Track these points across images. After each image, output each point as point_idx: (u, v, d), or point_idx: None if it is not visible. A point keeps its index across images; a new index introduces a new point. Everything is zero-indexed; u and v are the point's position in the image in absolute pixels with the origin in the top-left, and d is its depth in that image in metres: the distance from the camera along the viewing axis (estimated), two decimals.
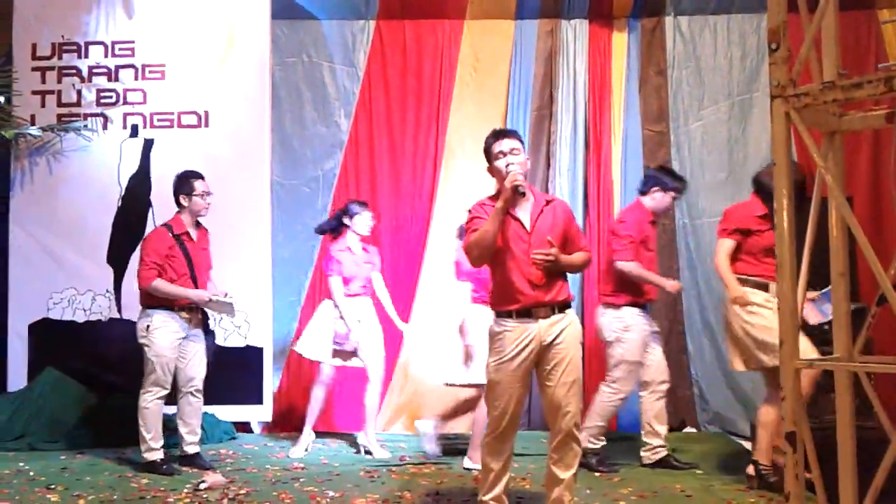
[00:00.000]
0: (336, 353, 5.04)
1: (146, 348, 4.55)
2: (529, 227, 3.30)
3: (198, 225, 4.73)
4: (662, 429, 4.63)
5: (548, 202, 3.38)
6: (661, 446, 4.61)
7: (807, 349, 4.02)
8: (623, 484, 4.19)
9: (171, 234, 4.60)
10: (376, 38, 6.02)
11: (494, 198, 3.32)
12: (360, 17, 5.99)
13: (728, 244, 4.16)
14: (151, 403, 4.55)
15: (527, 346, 3.26)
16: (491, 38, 6.00)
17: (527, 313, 3.27)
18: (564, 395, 3.26)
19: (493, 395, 3.34)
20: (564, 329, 3.28)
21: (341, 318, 4.98)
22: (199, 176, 4.69)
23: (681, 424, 5.74)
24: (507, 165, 3.28)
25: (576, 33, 5.91)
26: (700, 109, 5.91)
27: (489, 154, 3.39)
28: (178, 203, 4.67)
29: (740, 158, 5.84)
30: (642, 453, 4.62)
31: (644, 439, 4.65)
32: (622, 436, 5.24)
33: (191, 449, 4.67)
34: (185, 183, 4.65)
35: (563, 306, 3.31)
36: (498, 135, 3.42)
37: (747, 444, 5.15)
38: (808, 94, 2.12)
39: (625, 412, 5.62)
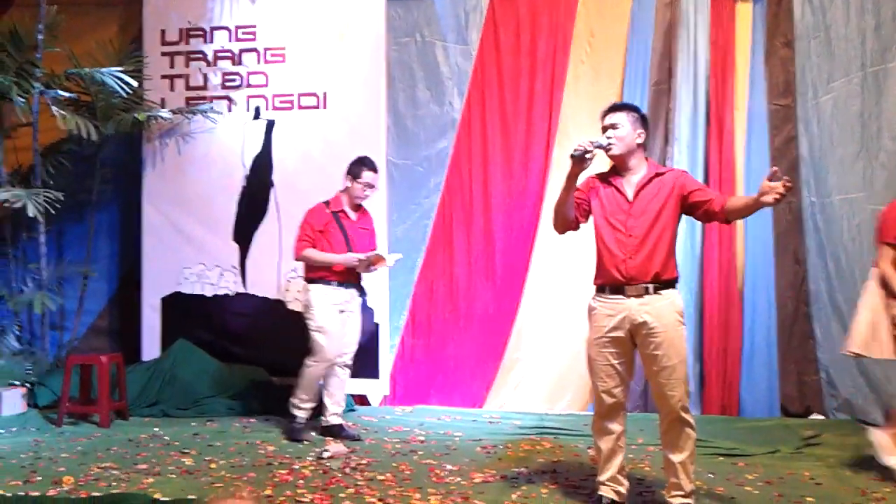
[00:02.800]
0: None
1: (308, 321, 4.74)
2: (631, 197, 3.29)
3: (358, 207, 4.86)
4: None
5: (658, 174, 3.33)
6: None
7: None
8: (748, 469, 4.07)
9: (327, 210, 4.77)
10: (489, 16, 5.98)
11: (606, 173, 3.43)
12: None
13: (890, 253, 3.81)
14: (312, 368, 4.73)
15: (618, 324, 3.24)
16: (607, 13, 5.87)
17: (619, 290, 3.25)
18: (667, 379, 3.21)
19: (592, 374, 3.36)
20: (659, 310, 3.20)
21: None
22: (373, 168, 4.82)
23: (807, 411, 5.52)
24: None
25: (696, 5, 5.69)
26: (830, 82, 5.59)
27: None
28: (344, 181, 4.84)
29: (874, 133, 5.51)
30: None
31: None
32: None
33: (334, 420, 4.81)
34: (356, 166, 4.80)
35: (661, 285, 3.23)
36: (604, 112, 3.43)
37: None
38: None
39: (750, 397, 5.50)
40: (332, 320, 4.72)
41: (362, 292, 4.91)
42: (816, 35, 5.64)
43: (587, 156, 3.23)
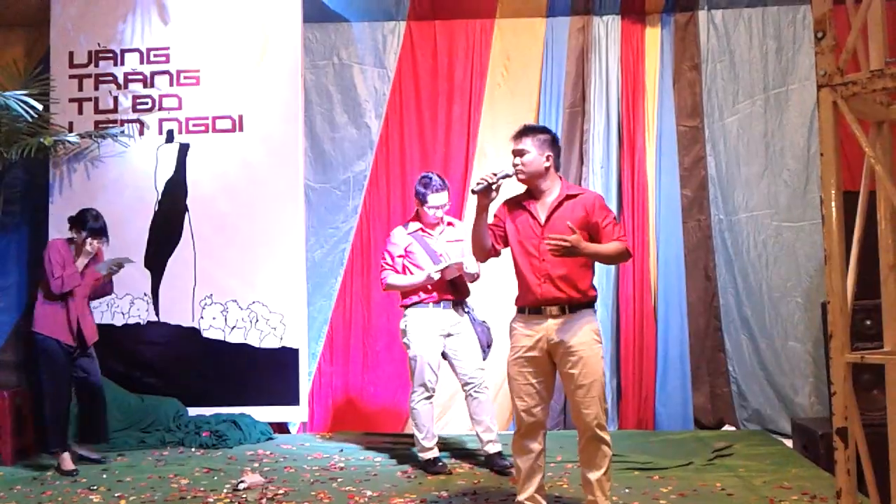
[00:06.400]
0: None
1: (407, 349, 4.54)
2: (543, 221, 3.30)
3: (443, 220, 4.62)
4: None
5: (571, 196, 3.33)
6: None
7: None
8: (663, 483, 4.14)
9: (406, 232, 4.59)
10: (407, 39, 6.02)
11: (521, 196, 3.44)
12: (390, 18, 5.99)
13: None
14: (419, 404, 4.50)
15: (535, 343, 3.27)
16: (522, 37, 5.97)
17: (537, 311, 3.28)
18: (583, 397, 3.24)
19: (512, 393, 3.38)
20: (576, 329, 3.23)
21: None
22: (438, 188, 4.52)
23: (719, 423, 5.67)
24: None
25: (608, 30, 5.86)
26: (735, 104, 5.83)
27: None
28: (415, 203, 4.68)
29: (777, 152, 5.76)
30: None
31: None
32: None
33: (490, 448, 4.50)
34: (419, 191, 4.57)
35: (578, 305, 3.26)
36: (513, 136, 3.42)
37: (788, 442, 5.09)
38: (856, 83, 2.08)
39: (665, 411, 5.61)
40: (430, 346, 4.48)
41: (465, 308, 4.62)
42: (721, 58, 5.86)
43: (493, 187, 3.26)
